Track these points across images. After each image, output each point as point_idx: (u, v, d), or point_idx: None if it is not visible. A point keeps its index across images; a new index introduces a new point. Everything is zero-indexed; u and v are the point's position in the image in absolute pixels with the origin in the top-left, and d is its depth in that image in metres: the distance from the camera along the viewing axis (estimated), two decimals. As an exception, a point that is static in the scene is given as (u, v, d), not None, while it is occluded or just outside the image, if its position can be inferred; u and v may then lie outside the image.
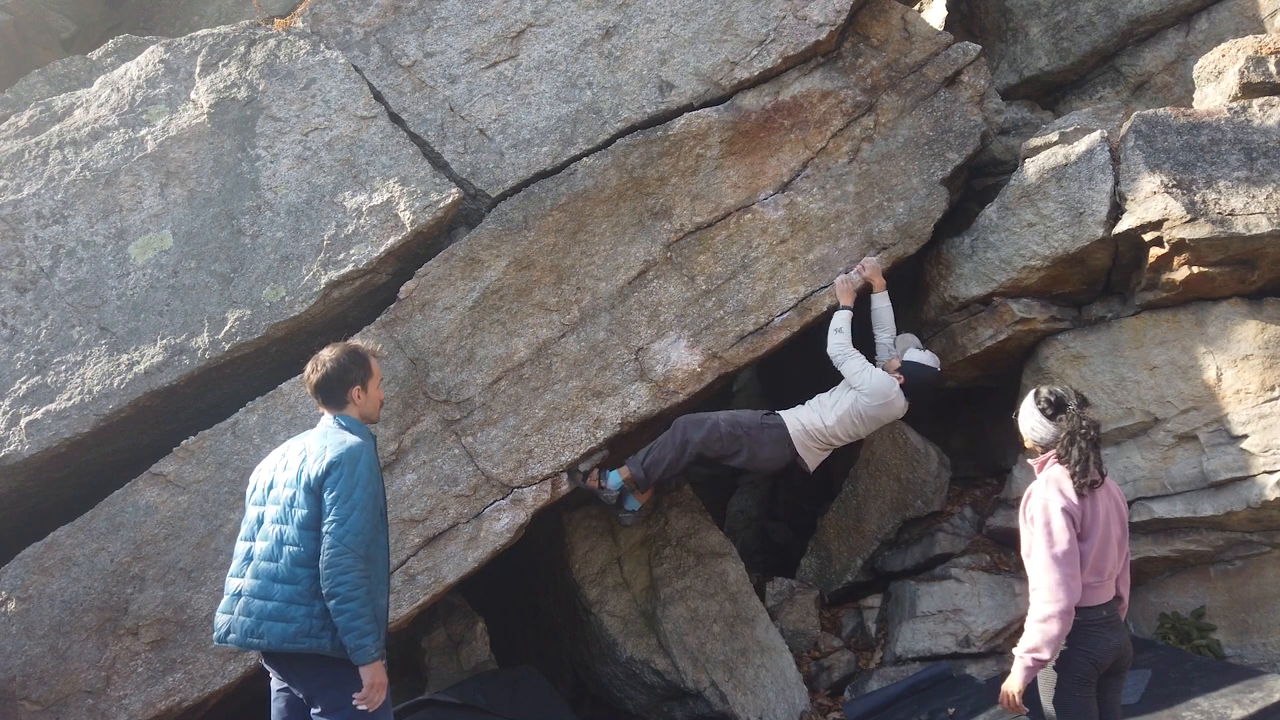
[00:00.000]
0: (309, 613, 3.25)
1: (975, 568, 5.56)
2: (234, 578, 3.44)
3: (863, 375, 5.01)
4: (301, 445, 3.47)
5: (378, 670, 3.28)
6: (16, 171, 4.75)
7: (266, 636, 3.28)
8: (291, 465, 3.41)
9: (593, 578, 5.52)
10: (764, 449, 5.05)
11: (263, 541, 3.37)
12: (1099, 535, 3.36)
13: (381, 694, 3.30)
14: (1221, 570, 5.08)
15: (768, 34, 5.29)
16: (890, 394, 5.01)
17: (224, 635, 3.40)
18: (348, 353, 3.52)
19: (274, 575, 3.30)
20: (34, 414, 4.37)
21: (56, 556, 4.28)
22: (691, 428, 4.91)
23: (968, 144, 5.52)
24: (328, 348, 3.57)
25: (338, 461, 3.29)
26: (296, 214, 4.75)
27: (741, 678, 5.27)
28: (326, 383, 3.48)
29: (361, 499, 3.27)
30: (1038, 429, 3.48)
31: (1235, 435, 4.85)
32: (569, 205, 4.98)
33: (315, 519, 3.28)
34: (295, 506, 3.32)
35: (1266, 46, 5.24)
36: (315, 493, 3.29)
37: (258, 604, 3.31)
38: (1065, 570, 3.25)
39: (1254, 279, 4.91)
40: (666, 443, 4.90)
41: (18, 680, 4.13)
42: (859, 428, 5.11)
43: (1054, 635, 3.26)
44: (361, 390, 3.51)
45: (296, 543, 3.29)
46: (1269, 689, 4.13)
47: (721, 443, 4.94)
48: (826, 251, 5.26)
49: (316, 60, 5.02)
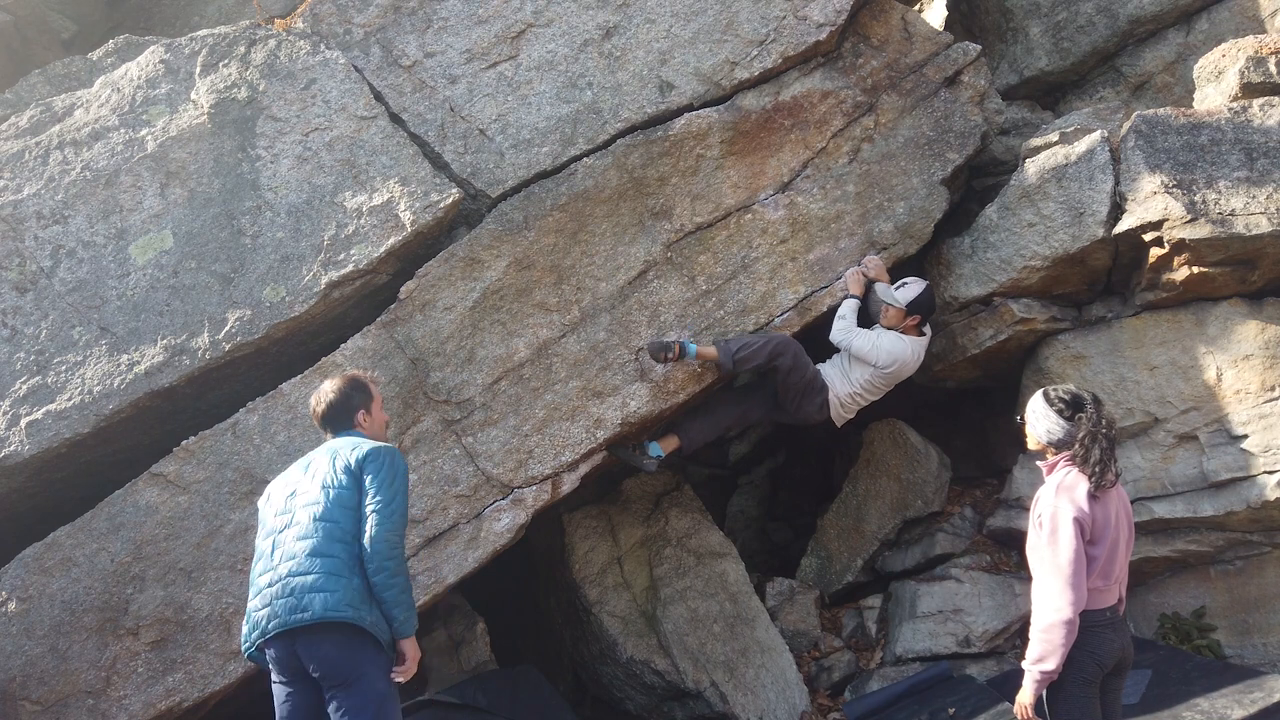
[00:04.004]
0: (349, 585, 3.31)
1: (975, 568, 5.56)
2: (263, 574, 3.46)
3: (874, 349, 5.09)
4: (330, 447, 3.58)
5: (414, 645, 3.43)
6: (17, 172, 4.75)
7: (311, 609, 3.29)
8: (321, 468, 3.51)
9: (593, 578, 5.52)
10: (811, 404, 5.15)
11: (295, 526, 3.43)
12: (1109, 540, 3.31)
13: (414, 667, 3.44)
14: (1222, 570, 5.09)
15: (768, 34, 5.29)
16: (904, 353, 5.12)
17: (267, 627, 3.35)
18: (347, 381, 3.72)
19: (311, 551, 3.35)
20: (34, 414, 4.37)
21: (57, 557, 4.28)
22: (786, 347, 4.95)
23: (968, 144, 5.52)
24: (327, 381, 3.77)
25: (376, 451, 3.46)
26: (297, 214, 4.75)
27: (742, 678, 5.27)
28: (332, 412, 3.66)
29: (401, 485, 3.44)
30: (1054, 430, 3.38)
31: (1235, 435, 4.85)
32: (569, 205, 4.98)
33: (351, 499, 3.40)
34: (330, 487, 3.42)
35: (1267, 46, 5.24)
36: (354, 474, 3.42)
37: (297, 581, 3.32)
38: (1071, 580, 3.22)
39: (1254, 279, 4.91)
40: (760, 348, 4.90)
41: (18, 680, 4.13)
42: (884, 389, 5.27)
43: (1058, 644, 3.23)
44: (366, 414, 3.70)
45: (332, 519, 3.38)
46: (1269, 689, 4.13)
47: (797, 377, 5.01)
48: (827, 252, 5.26)
49: (317, 60, 5.02)
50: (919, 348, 5.22)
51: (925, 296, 5.20)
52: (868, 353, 5.08)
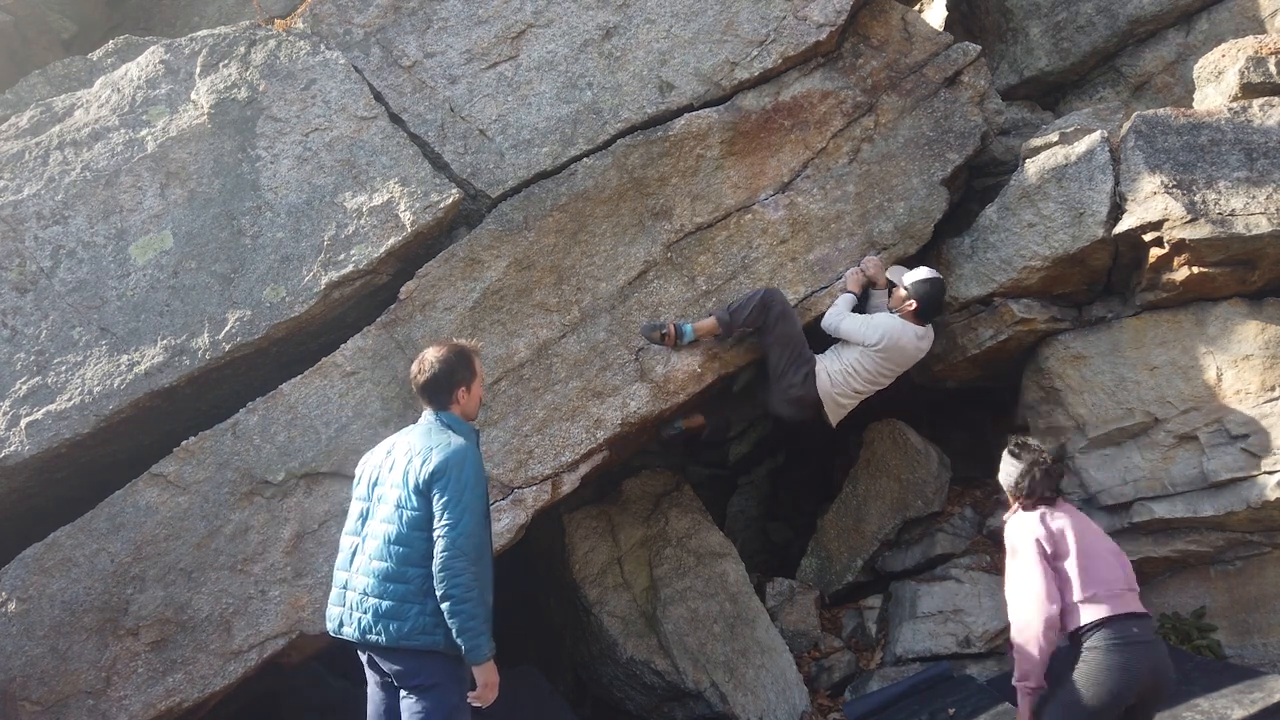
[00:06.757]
0: (421, 610, 3.31)
1: (975, 568, 5.56)
2: (341, 570, 3.51)
3: (864, 325, 5.03)
4: (407, 443, 3.49)
5: (491, 669, 3.35)
6: (17, 172, 4.75)
7: (385, 635, 3.33)
8: (398, 464, 3.45)
9: (593, 578, 5.52)
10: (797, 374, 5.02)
11: (372, 540, 3.43)
12: (1079, 550, 3.48)
13: (494, 692, 3.37)
14: (1222, 570, 5.09)
15: (768, 34, 5.29)
16: (894, 330, 5.02)
17: (338, 628, 3.47)
18: (455, 352, 3.54)
19: (386, 575, 3.35)
20: (34, 414, 4.37)
21: (57, 557, 4.28)
22: (775, 295, 4.92)
23: (968, 144, 5.52)
24: (432, 347, 3.58)
25: (445, 464, 3.33)
26: (297, 214, 4.75)
27: (742, 678, 5.27)
28: (434, 383, 3.50)
29: (471, 501, 3.32)
30: (1011, 472, 3.71)
31: (1235, 435, 4.85)
32: (569, 206, 4.98)
33: (423, 520, 3.33)
34: (403, 507, 3.37)
35: (1266, 47, 5.24)
36: (424, 494, 3.34)
37: (373, 602, 3.36)
38: (1041, 595, 3.43)
39: (1254, 279, 4.92)
40: (751, 296, 4.91)
41: (18, 681, 4.13)
42: (878, 375, 5.13)
43: (1033, 657, 3.42)
44: (466, 391, 3.55)
45: (406, 543, 3.35)
46: (1269, 689, 4.13)
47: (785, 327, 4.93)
48: (827, 252, 5.26)
49: (317, 61, 5.02)
50: (913, 333, 5.09)
51: (929, 286, 5.11)
52: (857, 329, 5.02)
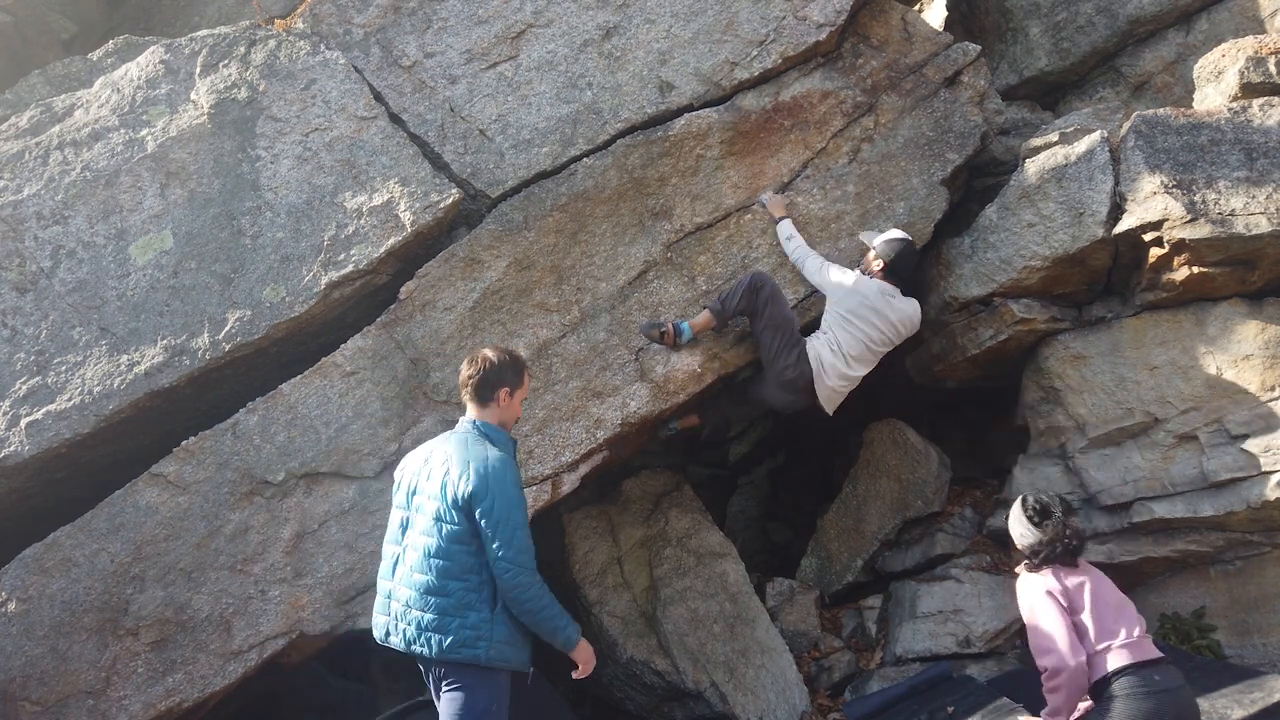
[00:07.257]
0: (462, 624, 3.38)
1: (975, 568, 5.56)
2: (384, 580, 3.57)
3: (823, 267, 4.96)
4: (445, 452, 3.53)
5: (584, 648, 3.57)
6: (17, 172, 4.75)
7: (428, 647, 3.41)
8: (435, 474, 3.49)
9: (593, 578, 5.52)
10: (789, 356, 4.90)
11: (412, 552, 3.47)
12: (1093, 604, 3.56)
13: (593, 662, 3.61)
14: (1222, 570, 5.08)
15: (768, 34, 5.29)
16: (858, 282, 4.90)
17: (384, 637, 3.55)
18: (508, 355, 3.66)
19: (426, 588, 3.41)
20: (34, 414, 4.37)
21: (57, 557, 4.28)
22: (764, 278, 4.88)
23: (968, 144, 5.52)
24: (488, 347, 3.70)
25: (485, 483, 3.37)
26: (297, 214, 4.75)
27: (742, 678, 5.27)
28: (483, 377, 3.59)
29: (519, 517, 3.40)
30: (1026, 535, 3.73)
31: (1235, 435, 4.85)
32: (569, 206, 4.98)
33: (464, 534, 3.39)
34: (442, 520, 3.41)
35: (1266, 46, 5.24)
36: (464, 511, 3.38)
37: (416, 615, 3.42)
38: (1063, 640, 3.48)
39: (1254, 279, 4.91)
40: (741, 281, 4.89)
41: (18, 681, 4.13)
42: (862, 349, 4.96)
43: (1059, 699, 3.50)
44: (509, 395, 3.62)
45: (445, 556, 3.40)
46: (1269, 689, 4.12)
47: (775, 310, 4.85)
48: (827, 252, 5.25)
49: (317, 61, 5.02)
50: (876, 288, 4.93)
51: (897, 244, 4.99)
52: (818, 271, 4.96)
